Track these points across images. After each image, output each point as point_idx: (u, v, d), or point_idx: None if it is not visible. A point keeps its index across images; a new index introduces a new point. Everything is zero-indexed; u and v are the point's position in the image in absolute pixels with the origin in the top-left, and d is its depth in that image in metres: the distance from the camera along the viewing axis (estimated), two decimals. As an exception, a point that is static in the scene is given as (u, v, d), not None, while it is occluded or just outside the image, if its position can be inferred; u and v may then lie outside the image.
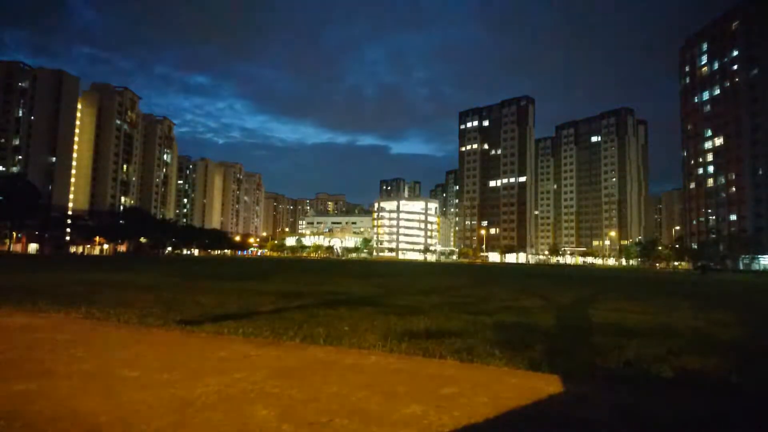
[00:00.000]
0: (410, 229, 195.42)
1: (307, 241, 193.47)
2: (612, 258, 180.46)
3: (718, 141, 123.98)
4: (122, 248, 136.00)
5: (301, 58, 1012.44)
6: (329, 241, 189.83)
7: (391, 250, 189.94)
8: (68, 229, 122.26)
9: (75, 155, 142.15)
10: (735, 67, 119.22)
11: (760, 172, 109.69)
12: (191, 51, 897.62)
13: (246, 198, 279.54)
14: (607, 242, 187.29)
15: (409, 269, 44.79)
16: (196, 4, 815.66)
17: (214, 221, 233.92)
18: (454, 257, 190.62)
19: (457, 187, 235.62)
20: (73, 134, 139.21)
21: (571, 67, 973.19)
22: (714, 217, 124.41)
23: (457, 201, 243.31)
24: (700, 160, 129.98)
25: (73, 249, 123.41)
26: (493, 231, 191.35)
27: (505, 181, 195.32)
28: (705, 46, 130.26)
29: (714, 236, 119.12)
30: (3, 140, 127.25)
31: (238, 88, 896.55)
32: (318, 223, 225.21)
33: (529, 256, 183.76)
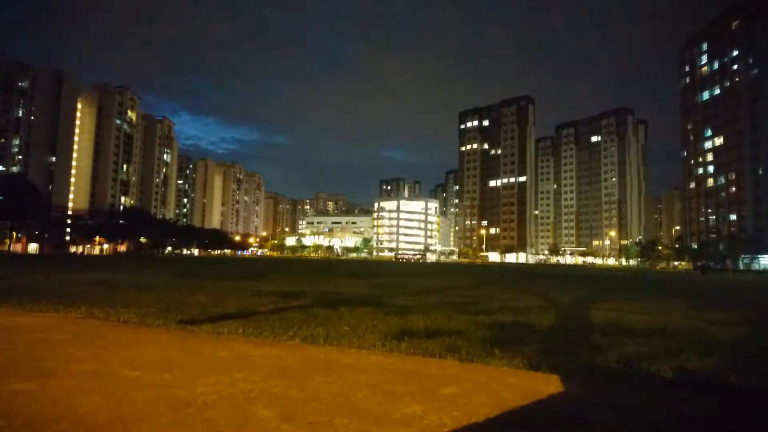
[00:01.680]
0: (410, 229, 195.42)
1: (307, 240, 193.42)
2: (612, 258, 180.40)
3: (718, 141, 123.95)
4: (122, 248, 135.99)
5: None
6: (329, 241, 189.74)
7: (391, 250, 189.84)
8: (68, 229, 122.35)
9: (75, 155, 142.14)
10: (735, 67, 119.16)
11: (760, 172, 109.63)
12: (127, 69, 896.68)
13: (246, 198, 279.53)
14: (607, 242, 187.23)
15: (409, 269, 44.77)
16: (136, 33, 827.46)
17: (214, 221, 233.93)
18: (454, 257, 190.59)
19: (457, 187, 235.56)
20: (73, 134, 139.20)
21: (571, 67, 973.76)
22: (714, 217, 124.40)
23: (457, 201, 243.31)
24: (700, 160, 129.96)
25: (73, 249, 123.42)
26: (493, 231, 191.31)
27: (505, 180, 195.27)
28: (705, 46, 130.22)
29: (714, 236, 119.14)
30: (3, 140, 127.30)
31: (178, 102, 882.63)
32: (318, 222, 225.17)
33: (529, 256, 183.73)
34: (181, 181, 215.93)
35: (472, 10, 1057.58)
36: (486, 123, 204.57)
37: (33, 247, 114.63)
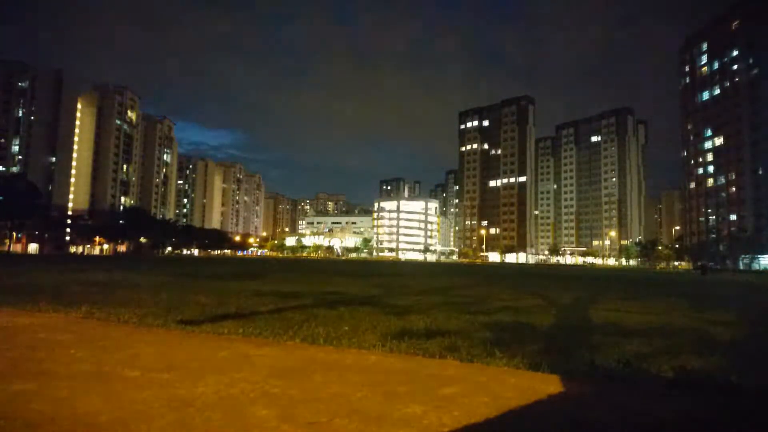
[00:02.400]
0: (410, 229, 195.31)
1: (307, 241, 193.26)
2: (612, 258, 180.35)
3: (718, 141, 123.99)
4: (122, 248, 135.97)
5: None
6: (329, 241, 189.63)
7: (391, 250, 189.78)
8: (68, 229, 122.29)
9: (75, 155, 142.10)
10: (735, 67, 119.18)
11: (760, 172, 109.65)
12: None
13: (246, 198, 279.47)
14: (607, 242, 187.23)
15: (408, 269, 44.78)
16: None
17: (214, 221, 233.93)
18: (454, 257, 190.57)
19: (457, 187, 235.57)
20: (73, 134, 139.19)
21: (571, 67, 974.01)
22: (714, 217, 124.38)
23: (457, 201, 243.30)
24: (700, 160, 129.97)
25: (73, 249, 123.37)
26: (493, 231, 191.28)
27: (505, 181, 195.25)
28: (705, 46, 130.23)
29: (714, 236, 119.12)
30: (3, 140, 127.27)
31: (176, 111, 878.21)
32: (318, 223, 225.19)
33: (529, 256, 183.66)
34: (181, 181, 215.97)
35: (471, 13, 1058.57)
36: (486, 123, 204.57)
37: (33, 247, 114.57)
